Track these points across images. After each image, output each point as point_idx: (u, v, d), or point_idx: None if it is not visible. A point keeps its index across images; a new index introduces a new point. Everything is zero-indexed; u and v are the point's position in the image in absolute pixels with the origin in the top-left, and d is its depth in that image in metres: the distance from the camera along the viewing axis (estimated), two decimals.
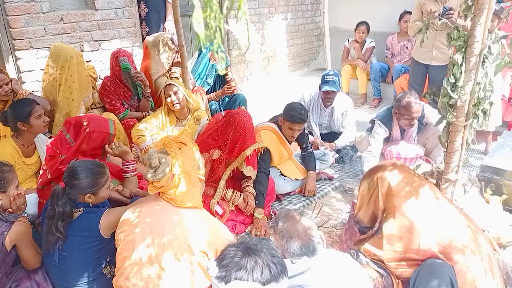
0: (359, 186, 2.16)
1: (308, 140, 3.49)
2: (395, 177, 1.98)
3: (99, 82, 3.86)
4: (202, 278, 1.80)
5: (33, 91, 3.55)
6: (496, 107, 3.76)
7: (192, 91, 3.72)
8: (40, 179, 2.41)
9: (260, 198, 2.84)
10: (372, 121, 3.63)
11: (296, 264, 1.56)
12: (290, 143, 3.32)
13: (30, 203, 2.31)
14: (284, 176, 3.28)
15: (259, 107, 4.82)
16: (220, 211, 2.74)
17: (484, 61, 2.14)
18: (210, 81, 4.20)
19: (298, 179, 3.32)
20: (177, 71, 3.94)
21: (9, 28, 3.74)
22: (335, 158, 3.84)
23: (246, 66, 6.22)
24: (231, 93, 4.14)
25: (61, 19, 4.03)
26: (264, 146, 3.01)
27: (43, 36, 3.94)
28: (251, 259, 1.32)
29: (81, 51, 4.13)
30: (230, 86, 4.11)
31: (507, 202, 2.75)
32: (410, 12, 4.90)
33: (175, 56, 3.90)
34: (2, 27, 3.73)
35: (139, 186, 2.57)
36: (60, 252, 1.93)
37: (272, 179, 3.11)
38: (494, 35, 2.11)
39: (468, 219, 1.99)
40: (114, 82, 3.60)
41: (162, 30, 4.67)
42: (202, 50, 4.13)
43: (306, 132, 3.61)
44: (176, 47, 3.83)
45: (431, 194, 1.96)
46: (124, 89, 3.66)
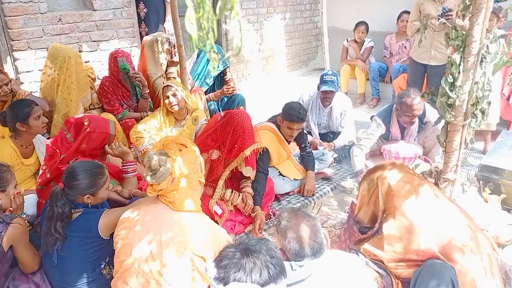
0: (359, 186, 2.15)
1: (307, 140, 3.49)
2: (395, 177, 1.97)
3: (97, 83, 3.86)
4: (201, 282, 1.78)
5: (31, 91, 3.54)
6: (495, 106, 3.77)
7: (190, 92, 3.72)
8: (40, 179, 2.41)
9: (256, 196, 2.84)
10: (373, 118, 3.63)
11: (296, 271, 1.51)
12: (289, 142, 3.32)
13: (29, 203, 2.31)
14: (283, 176, 3.29)
15: (258, 107, 4.82)
16: (219, 211, 2.74)
17: (482, 61, 2.14)
18: (209, 81, 4.20)
19: (297, 179, 3.33)
20: (174, 71, 3.94)
21: (7, 29, 3.73)
22: (334, 158, 3.84)
23: (244, 66, 6.22)
24: (230, 93, 4.14)
25: (59, 19, 4.02)
26: (263, 147, 3.01)
27: (41, 37, 3.93)
28: (250, 260, 1.32)
29: (79, 51, 4.12)
30: (229, 86, 4.11)
31: (506, 201, 2.75)
32: (408, 12, 4.90)
33: (168, 56, 3.90)
34: (0, 28, 3.73)
35: (138, 187, 2.57)
36: (59, 253, 1.92)
37: (271, 179, 3.11)
38: (492, 34, 2.12)
39: (469, 218, 1.99)
40: (112, 83, 3.59)
41: (162, 30, 4.67)
42: (201, 51, 4.14)
43: (305, 132, 3.61)
44: (171, 48, 3.83)
45: (431, 193, 1.95)
46: (123, 89, 3.66)
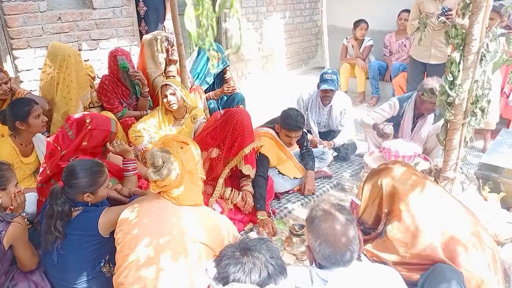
0: (363, 187, 2.08)
1: (307, 139, 3.49)
2: (400, 179, 1.92)
3: (97, 81, 3.85)
4: (201, 280, 1.78)
5: (31, 90, 3.54)
6: (494, 105, 3.77)
7: (190, 90, 3.72)
8: (40, 177, 2.41)
9: (261, 201, 2.82)
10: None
11: (315, 284, 1.44)
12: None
13: (29, 202, 2.31)
14: (283, 174, 3.29)
15: (258, 106, 4.82)
16: (219, 209, 2.74)
17: (482, 59, 2.14)
18: (209, 80, 4.20)
19: (297, 178, 3.33)
20: (173, 69, 3.94)
21: (7, 28, 3.72)
22: (334, 157, 3.85)
23: (244, 65, 6.22)
24: (230, 92, 4.14)
25: (59, 18, 4.02)
26: (262, 145, 3.01)
27: (40, 35, 3.93)
28: (249, 260, 1.31)
29: (79, 50, 4.11)
30: (230, 85, 4.12)
31: (505, 199, 2.76)
32: (408, 11, 4.91)
33: (166, 55, 3.89)
34: None
35: (138, 185, 2.57)
36: (58, 251, 1.93)
37: (270, 177, 3.11)
38: (492, 32, 2.12)
39: (472, 215, 1.96)
40: (112, 81, 3.59)
41: (161, 29, 4.67)
42: (201, 50, 4.14)
43: (305, 130, 3.61)
44: (169, 46, 3.83)
45: (436, 193, 1.91)
46: (122, 88, 3.66)
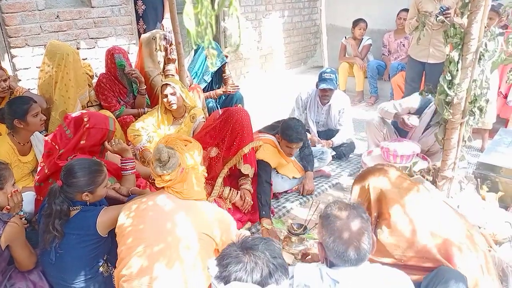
0: (351, 190, 2.06)
1: (307, 139, 3.49)
2: (387, 183, 1.89)
3: (95, 80, 3.85)
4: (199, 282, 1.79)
5: (29, 88, 3.53)
6: (491, 104, 3.78)
7: (189, 89, 3.71)
8: (38, 176, 2.40)
9: (266, 208, 2.78)
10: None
11: (324, 281, 1.44)
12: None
13: (27, 200, 2.30)
14: (282, 175, 3.29)
15: (256, 105, 4.82)
16: None
17: (480, 59, 2.15)
18: (207, 78, 4.20)
19: (296, 178, 3.33)
20: (172, 68, 3.93)
21: (5, 26, 3.71)
22: (332, 156, 3.85)
23: (243, 64, 6.21)
24: (234, 91, 4.17)
25: (57, 16, 4.01)
26: (261, 144, 3.02)
27: (38, 34, 3.92)
28: (251, 260, 1.30)
29: (77, 48, 4.10)
30: (234, 86, 4.17)
31: (503, 199, 2.76)
32: (407, 10, 4.91)
33: (164, 54, 3.89)
34: None
35: (136, 184, 2.56)
36: (57, 251, 1.92)
37: None
38: (490, 32, 2.12)
39: (463, 218, 1.97)
40: (109, 79, 3.58)
41: (160, 28, 4.66)
42: (199, 48, 4.14)
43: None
44: (168, 45, 3.83)
45: (425, 196, 1.89)
46: (120, 86, 3.65)
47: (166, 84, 3.22)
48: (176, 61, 3.71)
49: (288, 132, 3.00)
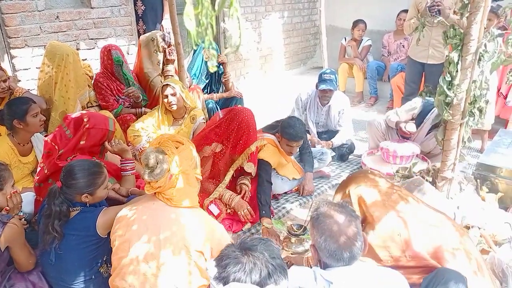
0: (333, 197, 2.06)
1: (307, 139, 3.49)
2: (367, 189, 1.89)
3: None
4: (199, 277, 1.79)
5: (28, 89, 3.53)
6: (490, 105, 3.77)
7: (188, 90, 3.71)
8: (37, 176, 2.40)
9: (266, 208, 2.77)
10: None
11: (318, 283, 1.43)
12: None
13: (26, 201, 2.30)
14: (282, 176, 3.28)
15: (256, 106, 4.81)
16: (216, 211, 2.74)
17: (480, 59, 2.15)
18: (205, 78, 4.22)
19: (296, 179, 3.33)
20: (171, 69, 3.93)
21: (4, 26, 3.71)
22: (332, 157, 3.85)
23: (242, 65, 6.22)
24: (239, 97, 4.23)
25: (57, 17, 4.01)
26: (266, 143, 3.03)
27: (38, 34, 3.92)
28: (250, 260, 1.31)
29: (77, 49, 4.11)
30: (238, 91, 4.29)
31: (503, 200, 2.76)
32: (406, 11, 4.90)
33: (163, 54, 3.89)
34: None
35: (136, 185, 2.56)
36: (56, 251, 1.92)
37: None
38: (490, 33, 2.12)
39: (453, 222, 1.93)
40: (106, 77, 3.58)
41: (159, 28, 4.66)
42: (196, 49, 4.16)
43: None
44: (166, 45, 3.83)
45: (411, 201, 1.88)
46: (117, 82, 3.64)
47: (167, 84, 3.22)
48: (176, 61, 3.71)
49: (288, 131, 3.00)
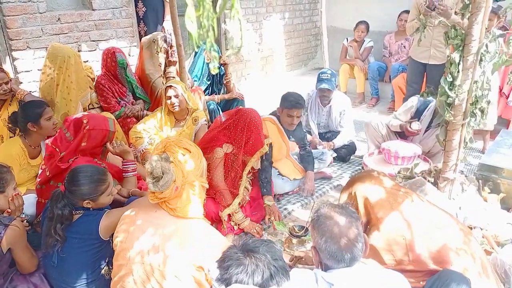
0: (339, 198, 2.05)
1: (307, 139, 3.50)
2: (372, 189, 1.89)
3: None
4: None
5: (30, 91, 3.53)
6: (493, 105, 3.77)
7: (190, 91, 3.71)
8: (39, 178, 2.40)
9: (267, 186, 2.94)
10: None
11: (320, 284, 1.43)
12: (289, 137, 3.34)
13: (28, 203, 2.30)
14: (283, 176, 3.29)
15: (257, 107, 4.79)
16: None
17: (481, 60, 2.15)
18: (206, 79, 4.22)
19: (297, 179, 3.33)
20: (173, 70, 3.94)
21: (6, 29, 3.72)
22: (333, 157, 3.85)
23: (244, 66, 6.22)
24: (241, 98, 4.27)
25: (58, 19, 4.02)
26: (272, 141, 3.06)
27: (40, 37, 3.93)
28: (252, 262, 1.30)
29: (79, 51, 4.11)
30: (240, 92, 4.32)
31: (505, 200, 2.75)
32: (408, 11, 4.90)
33: (165, 56, 3.90)
34: None
35: (137, 186, 2.56)
36: (59, 254, 1.92)
37: (270, 179, 3.10)
38: (491, 33, 2.12)
39: (459, 223, 1.94)
40: (108, 79, 3.58)
41: (161, 30, 4.67)
42: (198, 51, 4.17)
43: (304, 131, 3.61)
44: (168, 47, 3.83)
45: (414, 200, 1.88)
46: (119, 85, 3.64)
47: (170, 86, 3.22)
48: (177, 63, 3.72)
49: (288, 99, 3.16)
